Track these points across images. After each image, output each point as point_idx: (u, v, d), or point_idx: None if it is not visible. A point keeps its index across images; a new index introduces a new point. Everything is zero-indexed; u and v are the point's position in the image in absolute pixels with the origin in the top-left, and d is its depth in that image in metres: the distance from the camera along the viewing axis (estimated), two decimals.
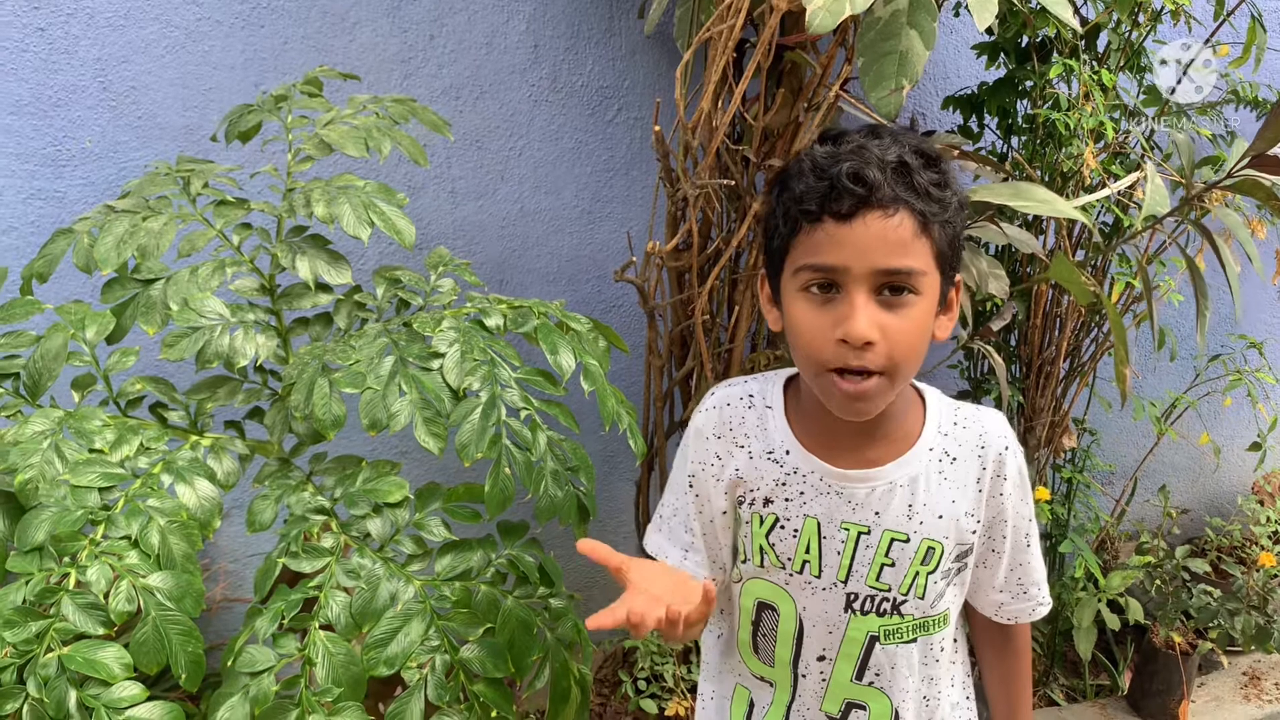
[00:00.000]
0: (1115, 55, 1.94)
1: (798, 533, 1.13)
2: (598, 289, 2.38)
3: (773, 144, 1.89)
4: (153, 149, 1.99)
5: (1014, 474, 1.13)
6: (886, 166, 0.96)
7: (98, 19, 1.91)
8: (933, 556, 1.11)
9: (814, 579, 1.13)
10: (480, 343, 1.52)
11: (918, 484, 1.10)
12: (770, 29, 1.61)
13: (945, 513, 1.10)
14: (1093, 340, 2.23)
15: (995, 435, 1.12)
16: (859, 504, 1.10)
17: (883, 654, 1.15)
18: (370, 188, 1.59)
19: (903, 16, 1.26)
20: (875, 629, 1.13)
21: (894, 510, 1.10)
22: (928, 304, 1.00)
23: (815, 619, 1.15)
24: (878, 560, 1.11)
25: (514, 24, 2.14)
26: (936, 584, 1.12)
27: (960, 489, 1.11)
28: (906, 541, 1.10)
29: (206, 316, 1.50)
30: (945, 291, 1.04)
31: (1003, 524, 1.14)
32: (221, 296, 1.54)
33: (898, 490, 1.09)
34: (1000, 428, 1.14)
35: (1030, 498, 1.18)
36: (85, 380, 1.53)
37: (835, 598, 1.13)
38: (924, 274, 0.98)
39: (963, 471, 1.11)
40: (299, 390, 1.44)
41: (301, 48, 2.03)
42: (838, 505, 1.11)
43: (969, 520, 1.11)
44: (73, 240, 1.52)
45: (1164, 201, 1.72)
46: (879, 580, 1.11)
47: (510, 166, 2.24)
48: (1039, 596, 1.21)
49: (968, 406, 1.15)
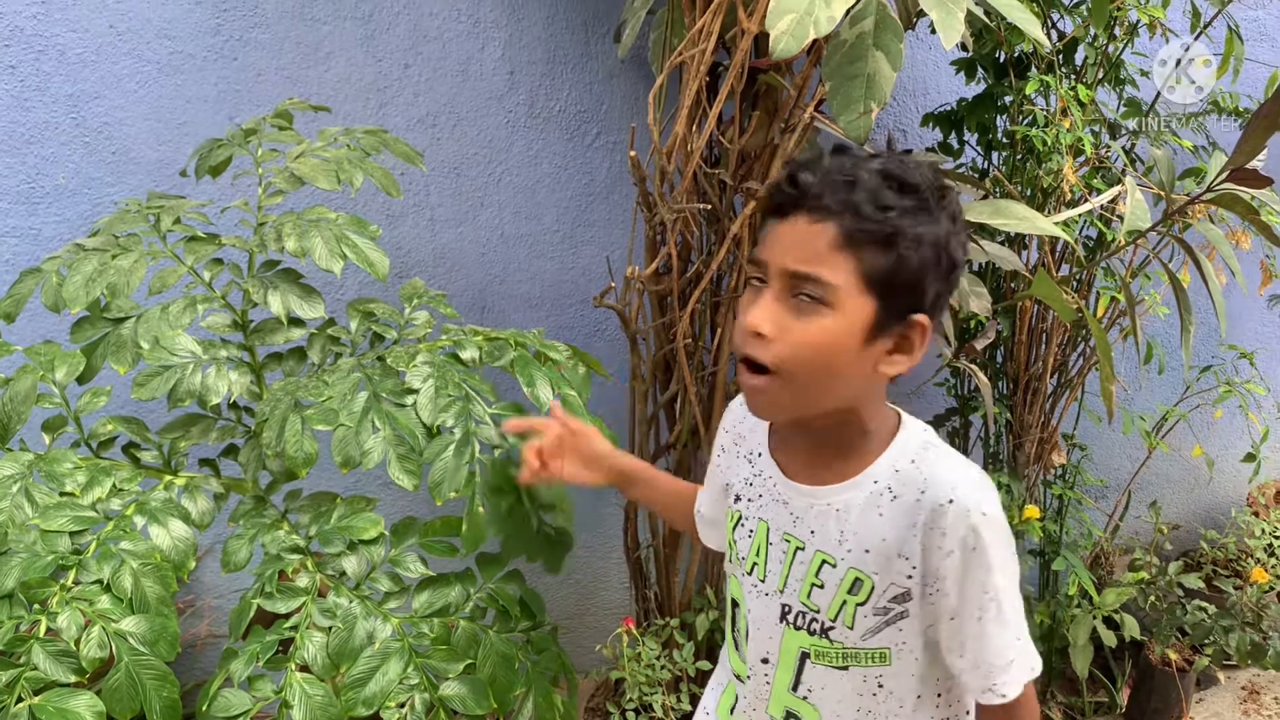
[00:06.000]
0: (1093, 69, 1.93)
1: (752, 534, 1.16)
2: (580, 314, 2.36)
3: (749, 166, 1.87)
4: (126, 184, 1.98)
5: (958, 534, 1.02)
6: (829, 175, 0.97)
7: (69, 55, 1.90)
8: (861, 589, 1.07)
9: (760, 583, 1.16)
10: (455, 377, 1.50)
11: (852, 512, 1.07)
12: (742, 52, 1.60)
13: (874, 548, 1.06)
14: (1079, 355, 2.21)
15: (942, 485, 1.03)
16: (799, 518, 1.11)
17: (813, 672, 1.14)
18: (342, 220, 1.57)
19: (869, 39, 1.25)
20: (806, 646, 1.13)
21: (827, 532, 1.09)
22: (842, 323, 0.98)
23: (759, 622, 1.17)
24: (808, 579, 1.11)
25: (489, 51, 2.13)
26: (868, 618, 1.08)
27: (894, 528, 1.05)
28: (834, 567, 1.08)
29: (178, 354, 1.49)
30: (886, 324, 0.99)
31: (942, 581, 1.04)
32: (194, 333, 1.52)
33: (833, 513, 1.08)
34: (951, 481, 1.04)
35: (996, 572, 1.03)
36: (56, 422, 1.51)
37: (773, 606, 1.15)
38: (836, 288, 0.97)
39: (899, 512, 1.05)
40: (271, 427, 1.43)
41: (276, 79, 2.02)
42: (783, 515, 1.13)
43: (902, 563, 1.05)
44: (41, 280, 1.50)
45: (1145, 216, 1.70)
46: (809, 599, 1.11)
47: (489, 193, 2.23)
48: (995, 682, 1.07)
49: (939, 452, 1.08)
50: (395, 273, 2.19)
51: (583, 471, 1.36)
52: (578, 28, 2.16)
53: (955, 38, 1.19)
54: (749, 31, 1.55)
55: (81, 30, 1.90)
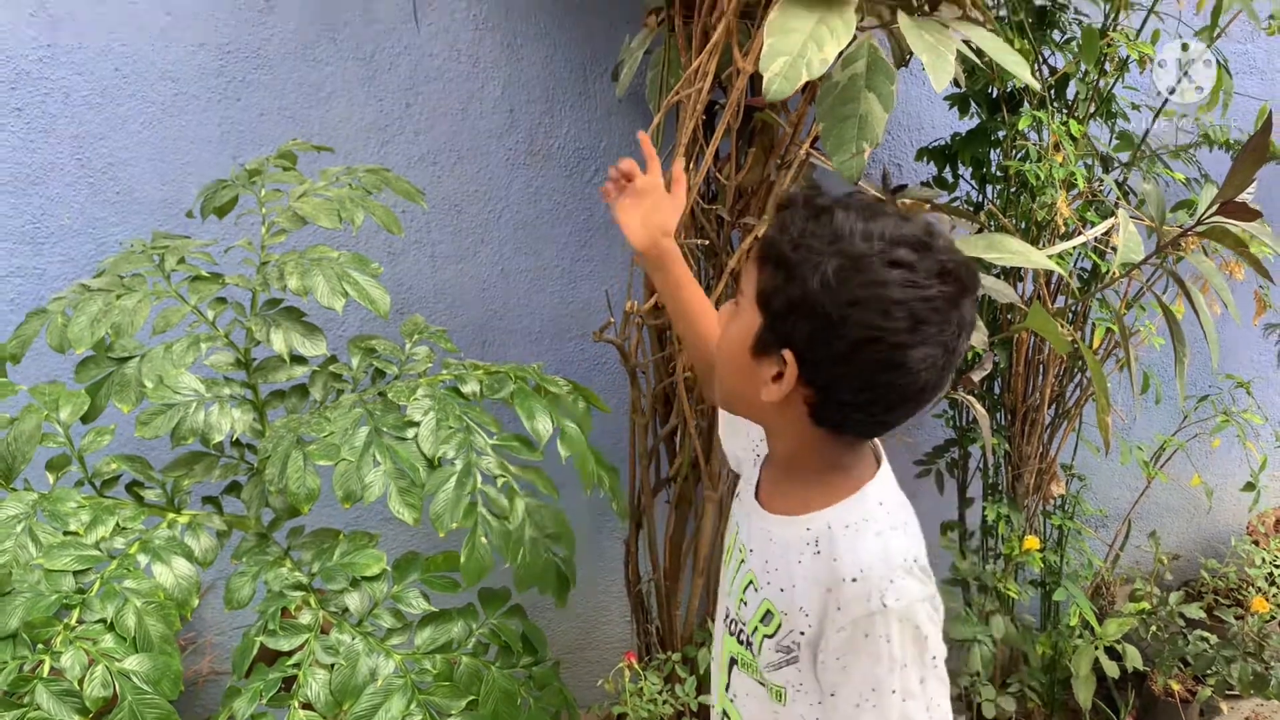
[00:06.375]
0: (1085, 104, 1.96)
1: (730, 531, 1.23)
2: (581, 347, 2.37)
3: (746, 202, 1.90)
4: (130, 224, 2.00)
5: (852, 614, 0.98)
6: (795, 198, 1.00)
7: (74, 97, 1.93)
8: (770, 621, 1.08)
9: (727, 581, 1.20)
10: (456, 410, 1.51)
11: (781, 548, 1.07)
12: (738, 91, 1.62)
13: (786, 589, 1.06)
14: (1076, 386, 2.22)
15: (853, 562, 1.00)
16: (751, 534, 1.14)
17: (739, 679, 1.16)
18: (344, 258, 1.59)
19: (861, 81, 1.28)
20: (735, 652, 1.16)
21: (761, 556, 1.11)
22: (742, 328, 1.03)
23: (718, 618, 1.22)
24: (739, 592, 1.14)
25: (489, 90, 2.16)
26: (772, 652, 1.08)
27: (806, 581, 1.03)
28: (757, 591, 1.11)
29: (182, 393, 1.50)
30: (767, 346, 0.99)
31: (828, 653, 1.01)
32: (197, 371, 1.54)
33: (769, 542, 1.10)
34: (865, 563, 0.99)
35: (888, 670, 0.97)
36: (60, 461, 1.52)
37: (723, 605, 1.20)
38: (742, 294, 1.04)
39: (816, 568, 1.03)
40: (274, 464, 1.44)
41: (278, 119, 2.04)
42: (745, 525, 1.17)
43: (802, 617, 1.03)
44: (46, 320, 1.52)
45: (1138, 248, 1.72)
46: (740, 610, 1.14)
47: (490, 229, 2.25)
48: None
49: (874, 528, 1.03)
50: (396, 308, 2.20)
51: (636, 222, 1.37)
52: (576, 67, 2.19)
53: (946, 81, 1.22)
54: (744, 71, 1.57)
55: (87, 73, 1.93)
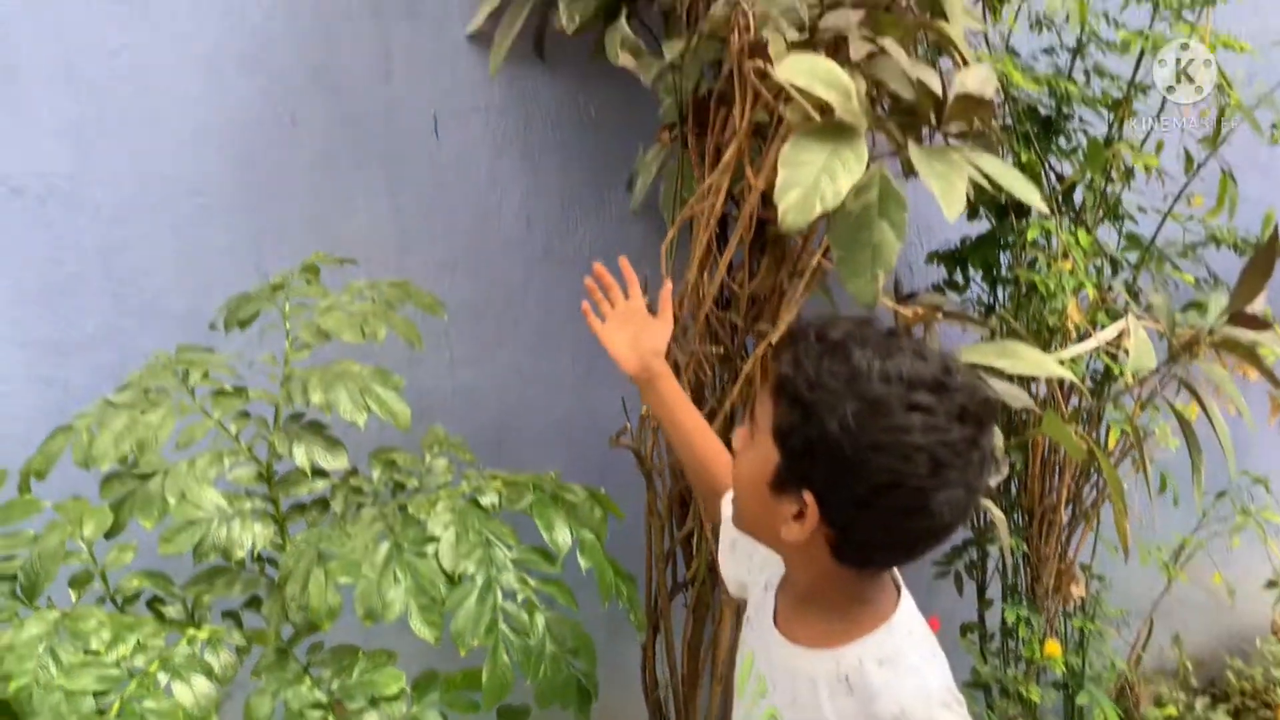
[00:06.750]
0: (1093, 211, 1.99)
1: (743, 658, 1.22)
2: (597, 449, 2.38)
3: (760, 308, 1.92)
4: (154, 333, 2.03)
5: None
6: (806, 333, 1.00)
7: (103, 211, 1.97)
8: None
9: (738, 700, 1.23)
10: (476, 524, 1.52)
11: (809, 684, 1.06)
12: (750, 206, 1.66)
13: None
14: (1093, 486, 2.22)
15: (891, 702, 1.00)
16: (773, 662, 1.13)
17: None
18: (366, 373, 1.61)
19: (873, 210, 1.31)
20: None
21: (786, 690, 1.09)
22: (758, 462, 1.02)
23: None
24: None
25: (508, 198, 2.21)
26: None
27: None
28: None
29: (204, 509, 1.52)
30: (787, 484, 1.00)
31: None
32: (219, 485, 1.56)
33: (794, 676, 1.08)
34: (904, 702, 0.99)
35: None
36: (83, 578, 1.53)
37: None
38: (758, 428, 1.03)
39: (849, 710, 1.02)
40: (295, 580, 1.44)
41: (301, 228, 2.09)
42: (764, 655, 1.16)
43: None
44: (72, 437, 1.54)
45: (1149, 355, 1.74)
46: None
47: (507, 333, 2.28)
48: None
49: (906, 664, 1.03)
50: (416, 412, 2.21)
51: (624, 346, 1.45)
52: (592, 176, 2.24)
53: (958, 211, 1.25)
54: (756, 188, 1.61)
55: (115, 186, 1.97)
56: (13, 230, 1.92)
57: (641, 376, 1.43)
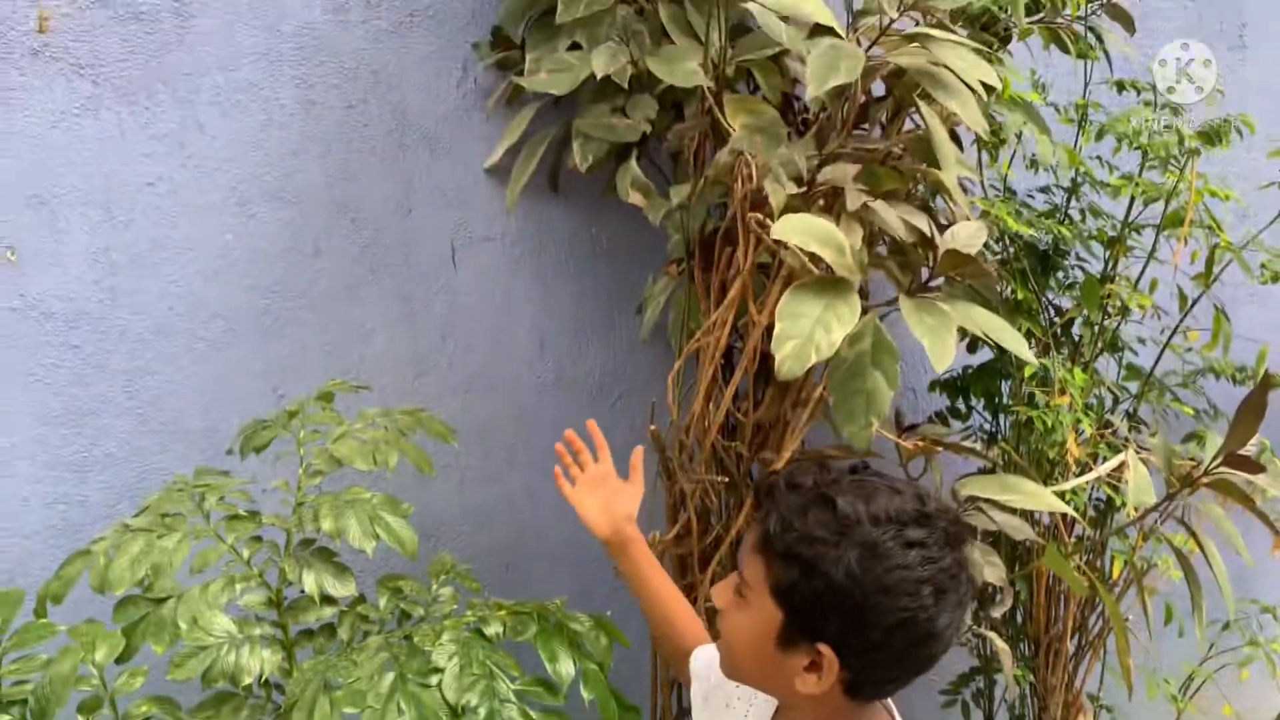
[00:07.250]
0: (1090, 346, 2.04)
1: None
2: (603, 572, 2.39)
3: (764, 436, 1.96)
4: (173, 453, 2.08)
5: None
6: (777, 487, 1.02)
7: (129, 335, 2.04)
8: None
9: None
10: (480, 655, 1.54)
11: None
12: (754, 341, 1.71)
13: None
14: (1099, 616, 2.22)
15: None
16: None
17: None
18: (376, 500, 1.65)
19: (867, 358, 1.36)
20: None
21: None
22: (755, 621, 1.03)
23: None
24: None
25: (520, 322, 2.28)
26: None
27: None
28: None
29: (215, 634, 1.54)
30: (795, 638, 1.01)
31: None
32: (229, 610, 1.58)
33: None
34: None
35: None
36: (92, 704, 1.55)
37: None
38: (749, 587, 1.04)
39: None
40: (301, 709, 1.46)
41: (320, 354, 2.15)
42: None
43: None
44: (89, 562, 1.57)
45: (1149, 490, 1.76)
46: None
47: (517, 453, 2.32)
48: None
49: None
50: (425, 533, 2.25)
51: (595, 510, 1.48)
52: (603, 302, 2.31)
53: (947, 363, 1.30)
54: (760, 324, 1.67)
55: (143, 312, 2.05)
56: (42, 352, 1.99)
57: (613, 541, 1.47)
